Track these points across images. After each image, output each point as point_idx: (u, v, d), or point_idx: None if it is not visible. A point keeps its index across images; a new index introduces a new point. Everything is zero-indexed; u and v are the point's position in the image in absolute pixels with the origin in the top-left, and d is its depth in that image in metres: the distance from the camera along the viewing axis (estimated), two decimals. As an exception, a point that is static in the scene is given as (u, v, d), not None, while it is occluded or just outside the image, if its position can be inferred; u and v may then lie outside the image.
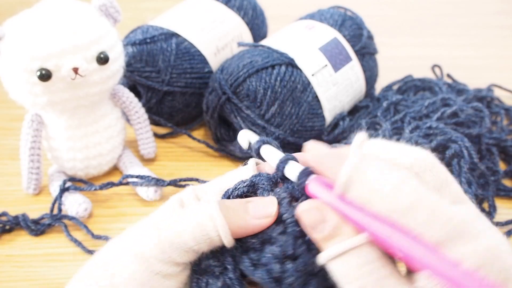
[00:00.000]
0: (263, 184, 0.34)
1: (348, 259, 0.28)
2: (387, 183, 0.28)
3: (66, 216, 0.53)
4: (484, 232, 0.28)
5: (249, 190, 0.34)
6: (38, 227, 0.52)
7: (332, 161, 0.31)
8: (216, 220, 0.31)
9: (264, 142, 0.35)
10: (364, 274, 0.28)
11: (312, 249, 0.31)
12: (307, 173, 0.32)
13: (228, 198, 0.34)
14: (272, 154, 0.34)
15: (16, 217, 0.53)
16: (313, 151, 0.33)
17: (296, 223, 0.31)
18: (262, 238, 0.32)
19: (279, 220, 0.32)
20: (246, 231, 0.32)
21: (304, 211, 0.30)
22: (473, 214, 0.29)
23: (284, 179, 0.34)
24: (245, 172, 0.36)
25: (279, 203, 0.33)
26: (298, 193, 0.32)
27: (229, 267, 0.32)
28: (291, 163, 0.33)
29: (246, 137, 0.37)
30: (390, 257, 0.29)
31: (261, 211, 0.32)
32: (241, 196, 0.34)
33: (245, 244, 0.32)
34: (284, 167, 0.33)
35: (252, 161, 0.36)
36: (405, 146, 0.31)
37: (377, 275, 0.28)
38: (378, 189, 0.28)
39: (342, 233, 0.29)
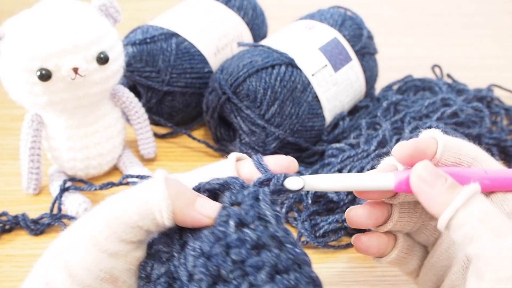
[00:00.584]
0: (235, 188, 0.33)
1: (477, 201, 0.31)
2: (463, 141, 0.36)
3: (65, 216, 0.53)
4: None
5: (220, 188, 0.34)
6: (37, 227, 0.52)
7: (421, 145, 0.35)
8: (160, 197, 0.31)
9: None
10: (492, 216, 0.30)
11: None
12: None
13: (198, 190, 0.34)
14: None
15: (16, 217, 0.53)
16: (399, 148, 0.36)
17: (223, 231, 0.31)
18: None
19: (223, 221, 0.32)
20: (186, 220, 0.32)
21: (423, 166, 0.33)
22: None
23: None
24: (224, 166, 0.36)
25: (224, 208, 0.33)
26: (249, 217, 0.31)
27: (176, 254, 0.32)
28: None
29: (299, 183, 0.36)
30: None
31: (206, 210, 0.32)
32: (210, 191, 0.34)
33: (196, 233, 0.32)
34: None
35: (232, 156, 0.37)
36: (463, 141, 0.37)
37: (502, 217, 0.30)
38: (464, 143, 0.36)
39: (458, 186, 0.32)
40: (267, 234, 0.30)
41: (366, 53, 0.65)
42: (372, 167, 0.53)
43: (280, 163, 0.36)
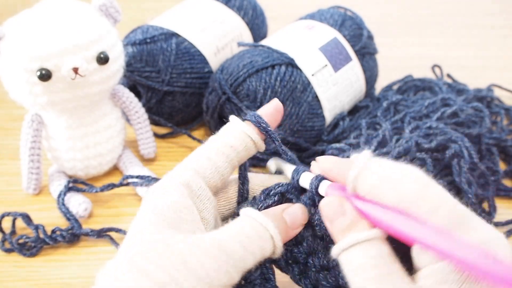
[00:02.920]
0: (291, 194, 0.38)
1: (361, 250, 0.30)
2: (395, 172, 0.31)
3: (111, 229, 0.52)
4: (482, 225, 0.29)
5: (279, 199, 0.37)
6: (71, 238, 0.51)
7: (342, 166, 0.34)
8: (276, 242, 0.33)
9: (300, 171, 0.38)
10: (374, 266, 0.29)
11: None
12: (320, 178, 0.36)
13: (268, 195, 0.38)
14: (306, 178, 0.37)
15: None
16: (323, 161, 0.36)
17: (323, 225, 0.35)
18: (306, 250, 0.36)
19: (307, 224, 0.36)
20: (285, 241, 0.35)
21: (326, 204, 0.33)
22: (470, 210, 0.31)
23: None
24: (238, 131, 0.38)
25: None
26: (318, 199, 0.35)
27: (272, 277, 0.35)
28: (323, 182, 0.36)
29: (274, 165, 0.42)
30: (396, 256, 0.31)
31: (297, 221, 0.35)
32: (271, 204, 0.37)
33: (291, 254, 0.36)
34: (318, 185, 0.36)
35: (236, 119, 0.39)
36: (405, 167, 0.32)
37: (386, 270, 0.29)
38: (387, 177, 0.31)
39: (358, 226, 0.31)
40: None
41: (366, 53, 0.65)
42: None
43: (271, 111, 0.40)
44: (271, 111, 0.40)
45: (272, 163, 0.42)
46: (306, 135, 0.59)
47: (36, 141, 0.55)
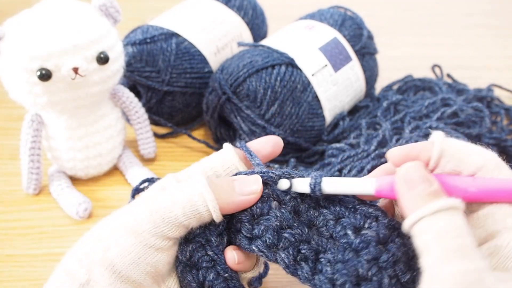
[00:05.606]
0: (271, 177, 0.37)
1: (445, 218, 0.30)
2: (473, 146, 0.34)
3: None
4: None
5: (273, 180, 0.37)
6: None
7: (416, 148, 0.34)
8: (205, 196, 0.33)
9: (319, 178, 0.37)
10: (456, 236, 0.29)
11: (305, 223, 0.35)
12: (319, 176, 0.36)
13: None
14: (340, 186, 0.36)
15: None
16: (394, 151, 0.35)
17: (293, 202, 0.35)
18: (252, 213, 0.35)
19: (265, 199, 0.36)
20: (233, 207, 0.35)
21: (411, 167, 0.33)
22: None
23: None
24: (225, 156, 0.38)
25: (270, 184, 0.36)
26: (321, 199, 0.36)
27: (213, 239, 0.35)
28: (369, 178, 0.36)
29: (286, 184, 0.39)
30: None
31: (247, 188, 0.35)
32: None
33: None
34: (320, 183, 0.36)
35: (228, 146, 0.39)
36: (476, 147, 0.34)
37: (462, 241, 0.29)
38: (468, 148, 0.33)
39: (441, 196, 0.31)
40: (383, 226, 0.34)
41: (366, 53, 0.65)
42: (372, 167, 0.53)
43: (268, 145, 0.39)
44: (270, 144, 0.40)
45: (284, 184, 0.39)
46: (306, 135, 0.59)
47: (36, 141, 0.55)
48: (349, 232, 0.34)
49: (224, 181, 0.35)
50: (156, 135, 0.65)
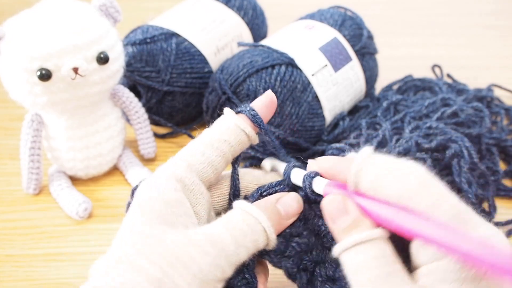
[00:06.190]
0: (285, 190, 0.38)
1: (363, 250, 0.30)
2: (398, 166, 0.31)
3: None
4: (482, 222, 0.29)
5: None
6: None
7: (341, 164, 0.34)
8: (269, 236, 0.33)
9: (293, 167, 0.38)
10: (375, 266, 0.29)
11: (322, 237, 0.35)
12: (313, 175, 0.36)
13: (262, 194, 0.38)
14: (298, 175, 0.37)
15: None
16: (322, 160, 0.36)
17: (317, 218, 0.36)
18: (315, 259, 0.36)
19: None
20: (279, 232, 0.35)
21: (328, 202, 0.32)
22: (470, 208, 0.31)
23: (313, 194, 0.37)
24: (231, 125, 0.39)
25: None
26: (312, 196, 0.36)
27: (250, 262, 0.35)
28: (317, 178, 0.36)
29: (269, 164, 0.41)
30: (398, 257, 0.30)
31: (291, 211, 0.35)
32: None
33: (301, 262, 0.36)
34: (311, 182, 0.36)
35: (230, 112, 0.40)
36: (407, 162, 0.32)
37: (387, 270, 0.29)
38: (389, 171, 0.30)
39: (360, 226, 0.31)
40: None
41: (366, 53, 0.65)
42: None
43: (266, 104, 0.39)
44: (266, 103, 0.39)
45: (267, 163, 0.42)
46: (306, 135, 0.59)
47: (36, 141, 0.55)
48: None
49: (270, 207, 0.35)
50: (156, 135, 0.65)
